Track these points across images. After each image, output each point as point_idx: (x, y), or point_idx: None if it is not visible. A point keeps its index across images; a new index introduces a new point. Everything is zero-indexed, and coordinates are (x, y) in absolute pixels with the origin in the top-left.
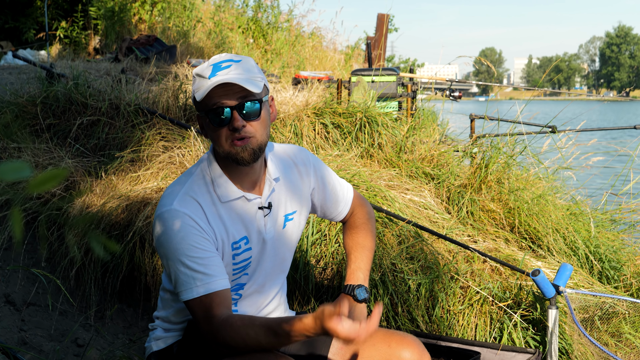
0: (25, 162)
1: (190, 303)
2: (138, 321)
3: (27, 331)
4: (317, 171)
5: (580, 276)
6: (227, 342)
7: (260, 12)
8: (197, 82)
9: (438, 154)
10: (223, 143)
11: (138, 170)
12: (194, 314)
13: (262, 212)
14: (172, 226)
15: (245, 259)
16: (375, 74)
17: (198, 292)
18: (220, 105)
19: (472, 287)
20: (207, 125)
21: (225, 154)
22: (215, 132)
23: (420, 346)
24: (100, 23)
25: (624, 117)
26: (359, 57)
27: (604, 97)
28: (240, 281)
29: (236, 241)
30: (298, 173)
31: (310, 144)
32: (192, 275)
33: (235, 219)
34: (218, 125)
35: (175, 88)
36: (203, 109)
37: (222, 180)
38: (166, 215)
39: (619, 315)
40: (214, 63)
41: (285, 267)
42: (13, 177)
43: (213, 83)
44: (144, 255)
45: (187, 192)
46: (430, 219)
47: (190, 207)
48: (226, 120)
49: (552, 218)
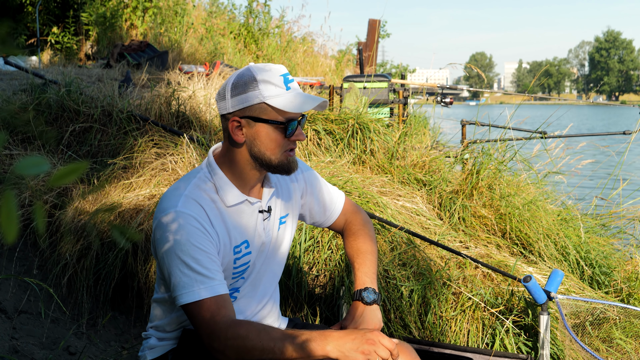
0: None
1: (191, 306)
2: (130, 328)
3: (19, 339)
4: (306, 175)
5: (572, 282)
6: (236, 346)
7: (251, 18)
8: (270, 88)
9: (430, 160)
10: (279, 152)
11: (130, 177)
12: (194, 317)
13: (262, 215)
14: (176, 227)
15: (244, 263)
16: (367, 80)
17: (200, 295)
18: (296, 119)
19: (464, 293)
20: (267, 133)
21: (277, 162)
22: (277, 141)
23: (413, 353)
24: (92, 29)
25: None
26: (349, 63)
27: (593, 102)
28: (236, 285)
29: (237, 245)
30: (290, 179)
31: (302, 151)
32: (194, 277)
33: (237, 223)
34: (290, 134)
35: (168, 95)
36: (273, 116)
37: (227, 186)
38: (171, 217)
39: (610, 320)
40: (283, 74)
41: (279, 271)
42: (33, 171)
43: (309, 98)
44: (136, 262)
45: (189, 195)
46: (423, 225)
47: (194, 210)
48: (298, 131)
49: (543, 224)
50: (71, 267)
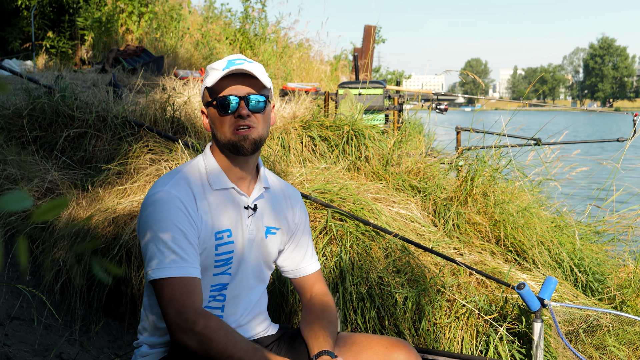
0: (25, 192)
1: (161, 283)
2: (124, 335)
3: (11, 346)
4: (302, 214)
5: (565, 289)
6: (202, 336)
7: (247, 24)
8: (210, 73)
9: (424, 167)
10: (226, 130)
11: (125, 183)
12: (163, 296)
13: (247, 211)
14: (160, 205)
15: (227, 252)
16: (363, 86)
17: (171, 272)
18: (229, 94)
19: (458, 300)
20: (213, 114)
21: (227, 141)
22: (221, 119)
23: (414, 351)
24: (88, 33)
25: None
26: (345, 69)
27: (588, 109)
28: (222, 280)
29: (219, 231)
30: (285, 204)
31: (297, 157)
32: (167, 255)
33: (222, 210)
34: (225, 112)
35: (163, 101)
36: (213, 97)
37: (216, 171)
38: (157, 196)
39: (603, 328)
40: (229, 59)
41: (264, 278)
42: (15, 207)
43: (227, 71)
44: (130, 268)
45: (180, 177)
46: (417, 232)
47: (181, 191)
48: (233, 108)
49: (537, 230)
50: (64, 274)
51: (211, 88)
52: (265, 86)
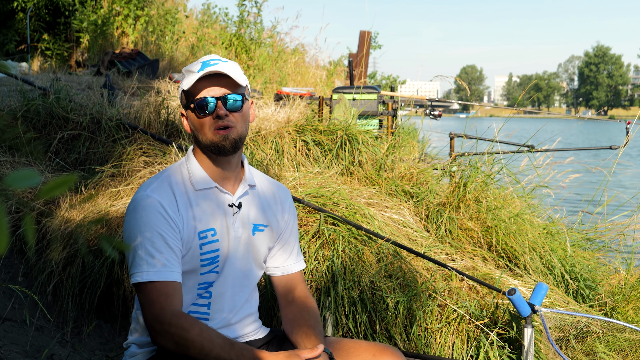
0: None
1: (141, 287)
2: (115, 337)
3: (2, 347)
4: (291, 213)
5: (556, 295)
6: (177, 336)
7: (243, 28)
8: (186, 76)
9: (417, 172)
10: (206, 131)
11: (118, 186)
12: (142, 300)
13: (232, 209)
14: (140, 211)
15: (212, 250)
16: (357, 92)
17: (150, 277)
18: (206, 96)
19: (449, 306)
20: (192, 117)
21: (207, 142)
22: (200, 121)
23: (402, 357)
24: (83, 36)
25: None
26: (340, 74)
27: (582, 116)
28: (208, 279)
29: (203, 231)
30: (275, 202)
31: (291, 161)
32: (147, 260)
33: (205, 209)
34: (203, 113)
35: (157, 103)
36: (190, 100)
37: (198, 171)
38: (139, 201)
39: (594, 334)
40: (204, 60)
41: (253, 277)
42: (23, 184)
43: (202, 73)
44: (122, 271)
45: (163, 180)
46: (409, 237)
47: (163, 195)
48: (211, 109)
49: (528, 237)
50: (57, 275)
51: (188, 91)
52: (240, 85)
